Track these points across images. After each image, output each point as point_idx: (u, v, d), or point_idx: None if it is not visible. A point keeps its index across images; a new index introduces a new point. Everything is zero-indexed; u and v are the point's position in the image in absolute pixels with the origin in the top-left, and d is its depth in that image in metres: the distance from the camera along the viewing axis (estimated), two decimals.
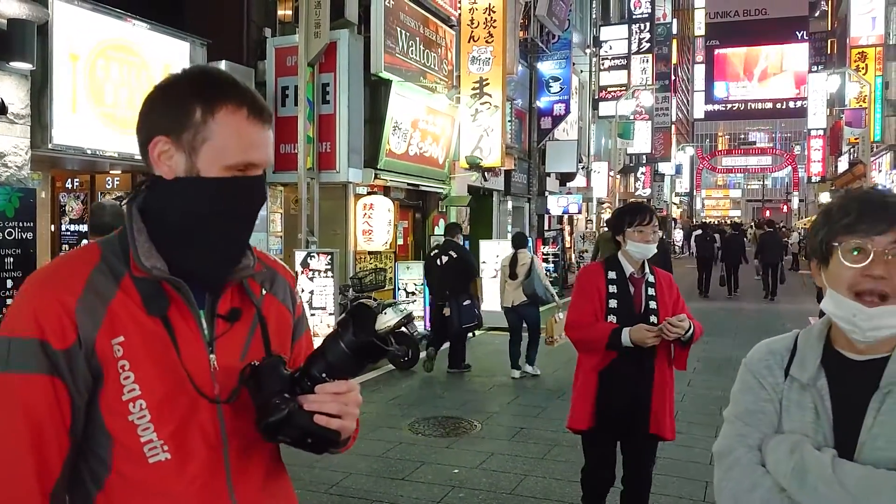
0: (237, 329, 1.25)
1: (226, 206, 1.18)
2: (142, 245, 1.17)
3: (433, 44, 12.50)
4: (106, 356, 1.13)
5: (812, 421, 1.32)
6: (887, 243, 1.25)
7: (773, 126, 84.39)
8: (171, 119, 1.16)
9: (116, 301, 1.15)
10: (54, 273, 1.17)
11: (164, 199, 1.18)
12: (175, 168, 1.16)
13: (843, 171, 31.90)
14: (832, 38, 38.97)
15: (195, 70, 1.24)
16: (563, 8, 18.57)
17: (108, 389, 1.14)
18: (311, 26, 8.39)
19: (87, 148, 6.76)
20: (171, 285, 1.18)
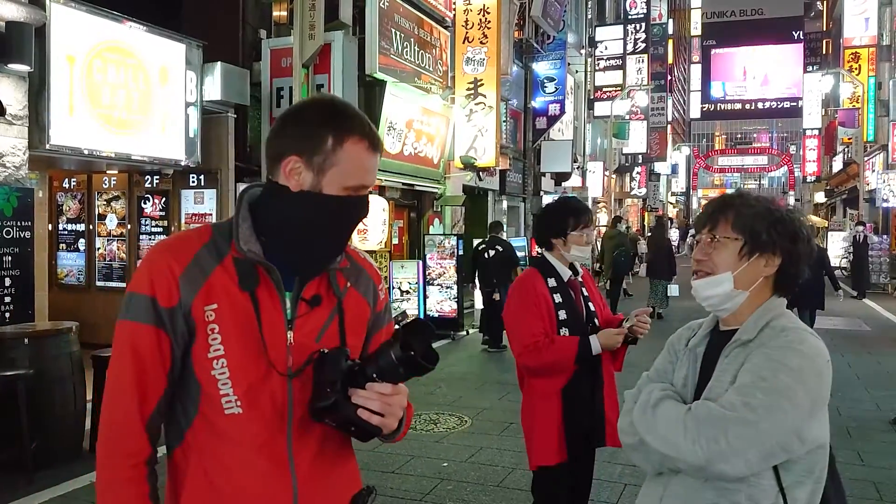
0: (317, 313, 1.45)
1: (339, 218, 1.43)
2: (244, 232, 1.40)
3: (428, 45, 12.61)
4: (199, 318, 1.37)
5: (683, 377, 1.67)
6: (706, 233, 1.66)
7: (769, 126, 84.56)
8: (306, 143, 1.38)
9: (215, 275, 1.38)
10: (172, 244, 1.42)
11: (286, 204, 1.40)
12: (301, 183, 1.38)
13: (837, 171, 32.06)
14: (827, 39, 39.14)
15: (327, 100, 1.47)
16: (558, 9, 18.69)
17: (198, 345, 1.38)
18: (305, 28, 8.48)
19: (85, 148, 6.85)
20: (263, 268, 1.40)
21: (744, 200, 1.64)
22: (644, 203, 38.20)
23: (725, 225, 1.62)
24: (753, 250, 1.60)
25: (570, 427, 2.88)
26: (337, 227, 1.44)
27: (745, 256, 1.60)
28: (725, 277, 1.61)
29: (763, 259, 1.61)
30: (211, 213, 8.63)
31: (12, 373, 4.86)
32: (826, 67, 35.46)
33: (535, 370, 2.91)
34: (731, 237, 1.61)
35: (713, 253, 1.63)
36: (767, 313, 1.60)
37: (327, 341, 1.44)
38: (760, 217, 1.60)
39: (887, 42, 23.98)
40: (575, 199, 3.23)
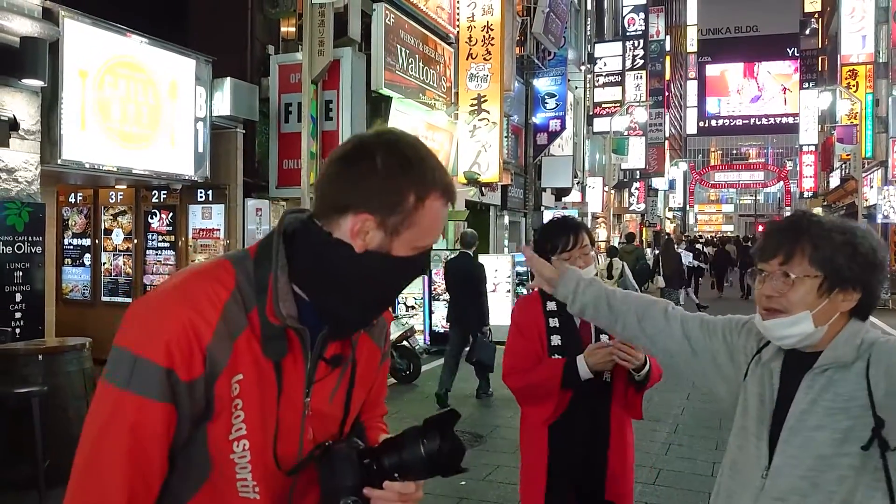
0: (334, 372, 1.25)
1: (402, 279, 1.23)
2: (282, 288, 1.16)
3: (432, 61, 12.66)
4: (223, 393, 1.12)
5: (759, 393, 1.60)
6: (775, 265, 1.51)
7: (765, 142, 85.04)
8: (384, 201, 1.14)
9: (243, 337, 1.13)
10: (193, 295, 1.12)
11: (344, 264, 1.17)
12: (368, 242, 1.16)
13: (835, 187, 32.21)
14: (822, 56, 39.48)
15: (401, 144, 1.18)
16: (559, 25, 18.81)
17: (218, 424, 1.14)
18: (314, 44, 8.50)
19: (95, 163, 6.84)
20: (294, 332, 1.17)
21: (820, 230, 1.50)
22: (642, 218, 38.29)
23: (802, 259, 1.48)
24: (833, 287, 1.48)
25: (555, 468, 2.56)
26: (395, 288, 1.26)
27: (824, 294, 1.48)
28: (803, 317, 1.48)
29: (842, 294, 1.49)
30: (219, 227, 8.61)
31: (27, 389, 4.80)
32: (822, 84, 35.72)
33: (519, 392, 2.67)
34: (810, 275, 1.47)
35: (789, 291, 1.49)
36: (857, 333, 1.51)
37: (337, 402, 1.26)
38: (841, 251, 1.47)
39: (884, 59, 24.19)
40: (564, 220, 2.82)
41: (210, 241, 8.69)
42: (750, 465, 1.58)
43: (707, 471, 5.46)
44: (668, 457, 5.82)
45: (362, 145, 1.18)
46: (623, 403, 2.62)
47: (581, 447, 2.57)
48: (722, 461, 1.72)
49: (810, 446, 1.47)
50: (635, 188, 34.61)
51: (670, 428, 6.62)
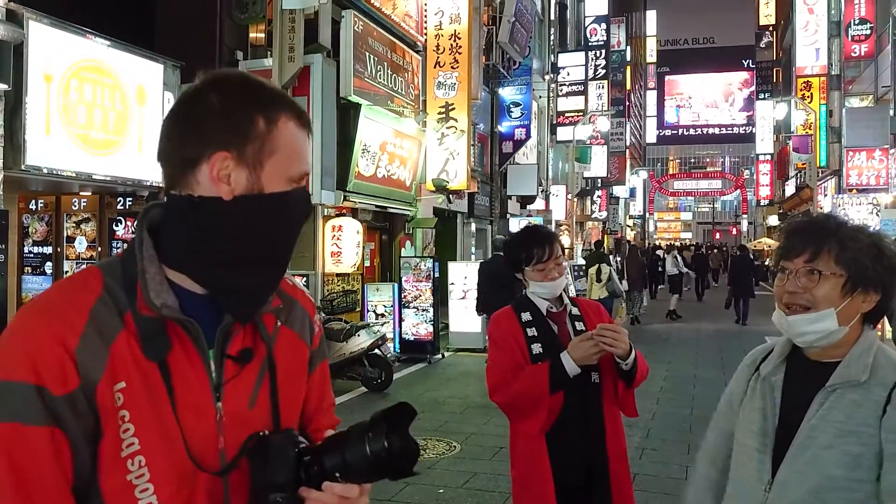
0: (248, 371, 1.10)
1: (287, 221, 1.09)
2: (153, 278, 1.04)
3: (400, 68, 12.66)
4: (106, 405, 0.99)
5: (760, 406, 1.60)
6: (801, 262, 1.52)
7: (721, 150, 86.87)
8: (232, 131, 1.03)
9: (119, 340, 1.01)
10: (52, 305, 1.01)
11: (220, 221, 1.04)
12: (234, 186, 1.03)
13: (790, 195, 33.04)
14: (777, 68, 40.51)
15: (236, 75, 1.10)
16: (524, 35, 18.96)
17: (106, 443, 1.00)
18: (285, 50, 8.45)
19: (60, 169, 6.68)
20: (179, 324, 1.04)
21: (846, 231, 1.53)
22: (604, 226, 38.74)
23: (828, 257, 1.50)
24: (856, 287, 1.51)
25: (559, 477, 2.50)
26: (284, 234, 1.10)
27: (847, 293, 1.50)
28: (828, 314, 1.49)
29: (863, 296, 1.52)
30: None
31: None
32: (777, 95, 36.67)
33: (508, 406, 2.61)
34: (836, 273, 1.50)
35: (814, 287, 1.51)
36: (870, 348, 1.53)
37: (261, 407, 1.11)
38: (867, 252, 1.51)
39: (836, 72, 24.92)
40: (537, 230, 2.81)
41: None
42: (752, 478, 1.58)
43: (681, 474, 5.53)
44: (641, 461, 5.88)
45: (189, 93, 1.08)
46: (615, 402, 2.59)
47: (579, 451, 2.53)
48: None
49: (819, 464, 1.48)
50: (597, 196, 35.00)
51: (642, 433, 6.69)
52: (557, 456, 2.51)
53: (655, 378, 8.79)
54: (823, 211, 23.29)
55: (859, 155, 18.72)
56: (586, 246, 30.28)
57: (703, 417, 7.27)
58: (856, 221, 1.62)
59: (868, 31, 20.45)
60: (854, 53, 21.13)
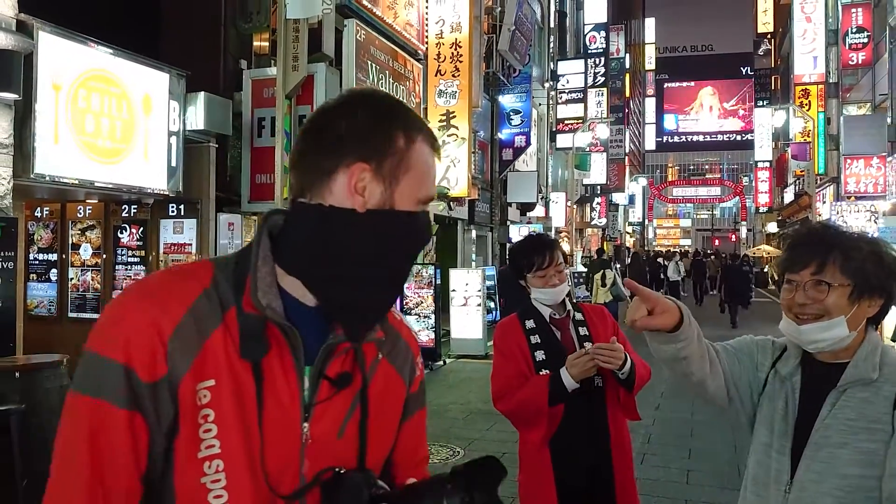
0: (341, 397, 1.07)
1: (412, 242, 1.09)
2: (262, 279, 1.02)
3: (402, 77, 12.77)
4: (187, 401, 0.97)
5: (782, 408, 1.67)
6: (807, 275, 1.58)
7: (720, 157, 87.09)
8: (373, 144, 1.04)
9: (215, 337, 0.99)
10: (156, 290, 1.01)
11: (351, 233, 1.03)
12: (368, 199, 1.03)
13: (789, 202, 33.13)
14: (775, 75, 40.66)
15: (379, 93, 1.11)
16: (524, 43, 19.10)
17: (183, 440, 0.98)
18: (289, 60, 8.54)
19: (68, 177, 6.76)
20: (280, 329, 1.01)
21: (848, 240, 1.60)
22: (603, 232, 38.86)
23: (834, 269, 1.57)
24: (862, 294, 1.58)
25: (562, 484, 2.55)
26: (406, 256, 1.10)
27: (854, 301, 1.57)
28: (839, 322, 1.57)
29: (868, 301, 1.60)
30: (191, 242, 8.54)
31: (4, 408, 4.73)
32: (775, 102, 36.84)
33: (511, 415, 2.68)
34: (843, 283, 1.56)
35: (825, 298, 1.57)
36: (876, 348, 1.61)
37: (349, 439, 1.07)
38: (869, 260, 1.58)
39: (834, 80, 25.06)
40: (539, 238, 2.91)
41: (182, 255, 8.60)
42: (771, 479, 1.64)
43: (682, 478, 5.61)
44: (643, 466, 5.94)
45: (333, 106, 1.08)
46: (618, 405, 2.65)
47: (584, 455, 2.57)
48: (744, 477, 1.78)
49: (835, 464, 1.54)
50: (597, 203, 35.10)
51: (643, 438, 6.76)
52: (563, 459, 2.56)
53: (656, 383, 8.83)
54: (821, 218, 23.41)
55: (857, 162, 18.83)
56: (586, 253, 30.39)
57: (704, 423, 7.35)
58: (854, 229, 1.70)
59: (865, 40, 20.60)
60: (852, 62, 21.26)
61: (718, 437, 6.84)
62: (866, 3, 20.93)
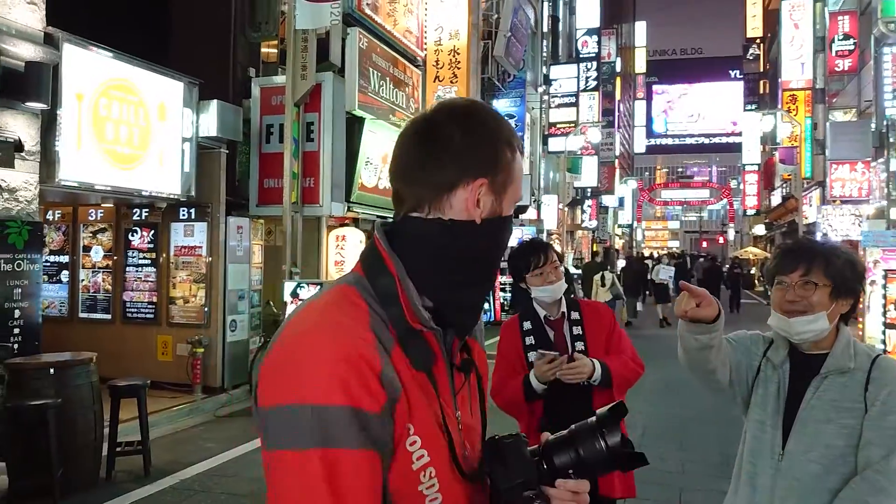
0: (467, 382, 1.18)
1: (508, 240, 1.17)
2: (412, 292, 1.07)
3: (402, 83, 13.08)
4: (400, 419, 1.00)
5: (774, 392, 2.01)
6: (797, 276, 1.93)
7: (708, 160, 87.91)
8: (490, 160, 1.11)
9: (395, 354, 1.02)
10: (338, 324, 1.00)
11: (472, 243, 1.10)
12: (483, 210, 1.10)
13: (776, 205, 33.67)
14: (764, 79, 41.26)
15: (481, 108, 1.16)
16: (519, 49, 19.46)
17: (398, 458, 1.01)
18: (297, 69, 8.85)
19: (90, 183, 7.04)
20: (435, 336, 1.09)
21: (830, 250, 1.96)
22: (594, 235, 39.30)
23: (819, 271, 1.91)
24: (839, 294, 1.92)
25: None
26: (501, 255, 1.19)
27: (833, 299, 1.91)
28: (821, 316, 1.90)
29: (843, 300, 1.94)
30: (201, 245, 8.82)
31: (42, 402, 5.02)
32: (764, 106, 37.38)
33: (503, 407, 2.90)
34: (826, 283, 1.90)
35: (811, 296, 1.90)
36: (849, 341, 1.96)
37: (476, 414, 1.19)
38: (846, 266, 1.93)
39: (821, 86, 25.57)
40: (532, 242, 3.12)
41: (192, 258, 8.89)
42: (766, 450, 1.99)
43: (677, 468, 5.96)
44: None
45: (437, 119, 1.12)
46: (605, 403, 2.87)
47: None
48: (738, 451, 2.12)
49: (820, 436, 1.89)
50: (587, 205, 35.53)
51: (639, 432, 7.11)
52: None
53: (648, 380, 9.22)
54: (808, 221, 23.89)
55: (842, 167, 19.27)
56: (577, 255, 30.78)
57: (693, 418, 7.72)
58: (839, 231, 2.11)
59: (851, 47, 21.06)
60: (838, 68, 21.71)
61: (707, 430, 7.23)
62: (852, 12, 21.40)
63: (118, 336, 8.93)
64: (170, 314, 8.94)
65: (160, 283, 9.01)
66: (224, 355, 8.79)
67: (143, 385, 5.89)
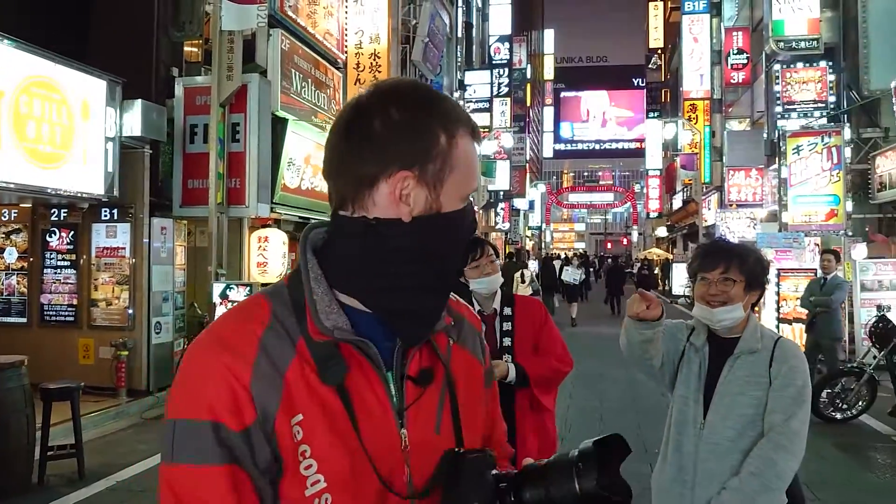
0: (429, 394, 1.04)
1: (461, 240, 1.06)
2: (321, 300, 0.99)
3: (323, 85, 13.16)
4: (285, 441, 0.94)
5: (696, 372, 2.37)
6: (717, 273, 2.29)
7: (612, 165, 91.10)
8: (416, 149, 0.97)
9: (292, 370, 0.96)
10: (221, 338, 0.97)
11: (397, 244, 0.99)
12: (413, 207, 0.98)
13: (678, 208, 35.39)
14: (666, 88, 43.26)
15: (410, 87, 1.03)
16: (436, 54, 19.81)
17: (288, 482, 0.95)
18: (223, 69, 8.84)
19: (10, 182, 6.85)
20: (353, 346, 0.99)
21: (743, 250, 2.36)
22: (506, 237, 40.16)
23: (735, 269, 2.29)
24: (751, 287, 2.32)
25: None
26: (455, 253, 1.08)
27: (747, 291, 2.31)
28: (738, 307, 2.29)
29: (752, 292, 2.34)
30: (124, 246, 8.67)
31: None
32: (666, 114, 39.26)
33: None
34: (741, 279, 2.29)
35: (731, 290, 2.27)
36: (756, 326, 2.37)
37: (445, 432, 1.05)
38: (756, 263, 2.34)
39: (718, 96, 27.14)
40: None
41: (115, 259, 8.72)
42: (689, 421, 2.35)
43: None
44: (562, 445, 6.67)
45: (364, 105, 1.00)
46: (529, 401, 3.06)
47: None
48: (666, 424, 2.48)
49: (735, 407, 2.27)
50: (501, 208, 36.31)
51: (561, 423, 7.52)
52: None
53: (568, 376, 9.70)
54: (707, 223, 25.31)
55: (738, 173, 20.57)
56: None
57: (612, 409, 8.21)
58: (736, 234, 2.55)
59: (745, 61, 22.46)
60: (733, 80, 23.10)
61: (625, 419, 7.74)
62: (746, 28, 22.85)
63: (36, 340, 8.64)
64: (91, 317, 8.74)
65: (81, 286, 8.79)
66: (149, 358, 8.67)
67: (77, 387, 5.81)
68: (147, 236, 8.70)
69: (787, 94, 15.72)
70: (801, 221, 13.78)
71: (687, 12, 28.17)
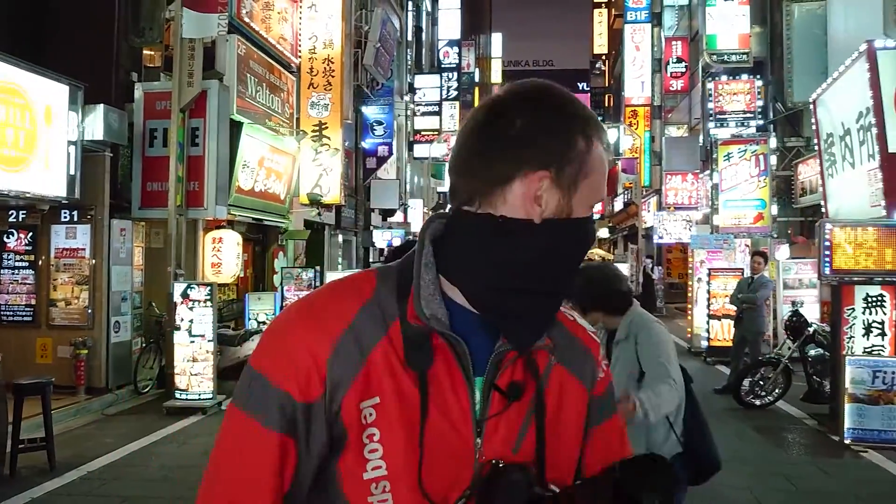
0: (515, 409, 1.00)
1: (582, 248, 1.02)
2: (426, 287, 0.98)
3: (277, 89, 13.47)
4: (352, 420, 0.94)
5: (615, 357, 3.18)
6: None
7: None
8: (554, 149, 0.96)
9: (377, 351, 0.96)
10: (316, 308, 0.99)
11: (526, 244, 0.96)
12: (545, 209, 0.96)
13: (619, 210, 36.54)
14: (609, 94, 44.49)
15: (551, 89, 1.01)
16: (387, 58, 20.22)
17: (348, 462, 0.95)
18: (184, 75, 9.11)
19: None
20: (445, 340, 0.97)
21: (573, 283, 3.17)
22: None
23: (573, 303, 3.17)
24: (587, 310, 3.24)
25: None
26: (576, 265, 1.04)
27: (588, 312, 3.22)
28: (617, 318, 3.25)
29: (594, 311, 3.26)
30: (84, 247, 8.88)
31: None
32: (608, 119, 40.42)
33: None
34: (578, 309, 3.16)
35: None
36: (627, 323, 3.18)
37: (525, 453, 1.00)
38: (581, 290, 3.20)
39: (658, 103, 28.23)
40: (409, 241, 3.66)
41: (74, 260, 8.92)
42: None
43: None
44: None
45: (503, 103, 0.99)
46: None
47: None
48: None
49: (620, 382, 2.86)
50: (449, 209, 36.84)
51: None
52: None
53: None
54: (647, 225, 26.34)
55: (676, 178, 21.53)
56: None
57: None
58: (673, 235, 3.30)
59: (683, 70, 23.49)
60: (672, 88, 24.12)
61: None
62: (684, 38, 23.89)
63: None
64: (50, 316, 8.91)
65: (39, 286, 8.96)
66: (108, 356, 8.89)
67: (48, 382, 6.07)
68: (107, 237, 8.92)
69: (720, 105, 16.65)
70: (731, 224, 14.63)
71: (629, 21, 29.17)
